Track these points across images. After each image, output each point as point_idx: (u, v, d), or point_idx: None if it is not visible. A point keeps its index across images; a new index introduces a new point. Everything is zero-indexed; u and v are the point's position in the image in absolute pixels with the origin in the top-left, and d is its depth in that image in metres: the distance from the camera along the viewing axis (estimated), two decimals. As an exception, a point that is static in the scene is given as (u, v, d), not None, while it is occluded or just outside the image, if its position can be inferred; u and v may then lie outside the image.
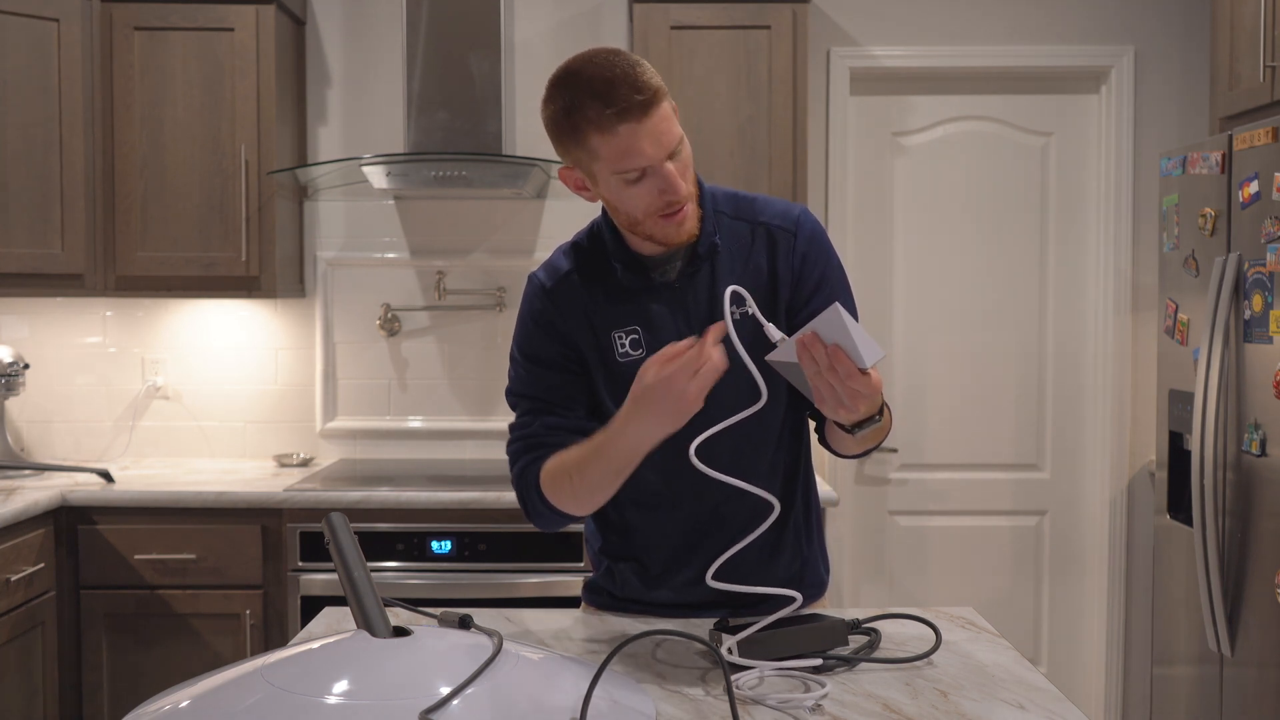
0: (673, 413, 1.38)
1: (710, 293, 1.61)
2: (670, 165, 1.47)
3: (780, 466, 1.70)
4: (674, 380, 1.35)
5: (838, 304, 1.32)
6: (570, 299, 1.64)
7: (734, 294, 1.38)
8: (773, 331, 1.37)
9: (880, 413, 1.47)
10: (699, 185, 1.62)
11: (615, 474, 1.50)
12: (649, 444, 1.44)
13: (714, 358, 1.35)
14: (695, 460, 1.36)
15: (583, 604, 1.84)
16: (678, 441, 1.50)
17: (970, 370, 3.66)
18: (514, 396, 1.66)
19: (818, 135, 3.55)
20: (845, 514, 3.62)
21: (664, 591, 1.71)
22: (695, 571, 1.68)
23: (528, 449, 1.61)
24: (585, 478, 1.52)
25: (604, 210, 1.64)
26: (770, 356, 1.38)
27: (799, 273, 1.61)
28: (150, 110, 3.21)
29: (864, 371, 1.34)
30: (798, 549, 1.73)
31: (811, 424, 1.74)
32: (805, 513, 1.76)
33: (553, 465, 1.57)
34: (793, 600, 1.45)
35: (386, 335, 3.57)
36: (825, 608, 1.79)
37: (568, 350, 1.64)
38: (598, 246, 1.66)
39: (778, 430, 1.68)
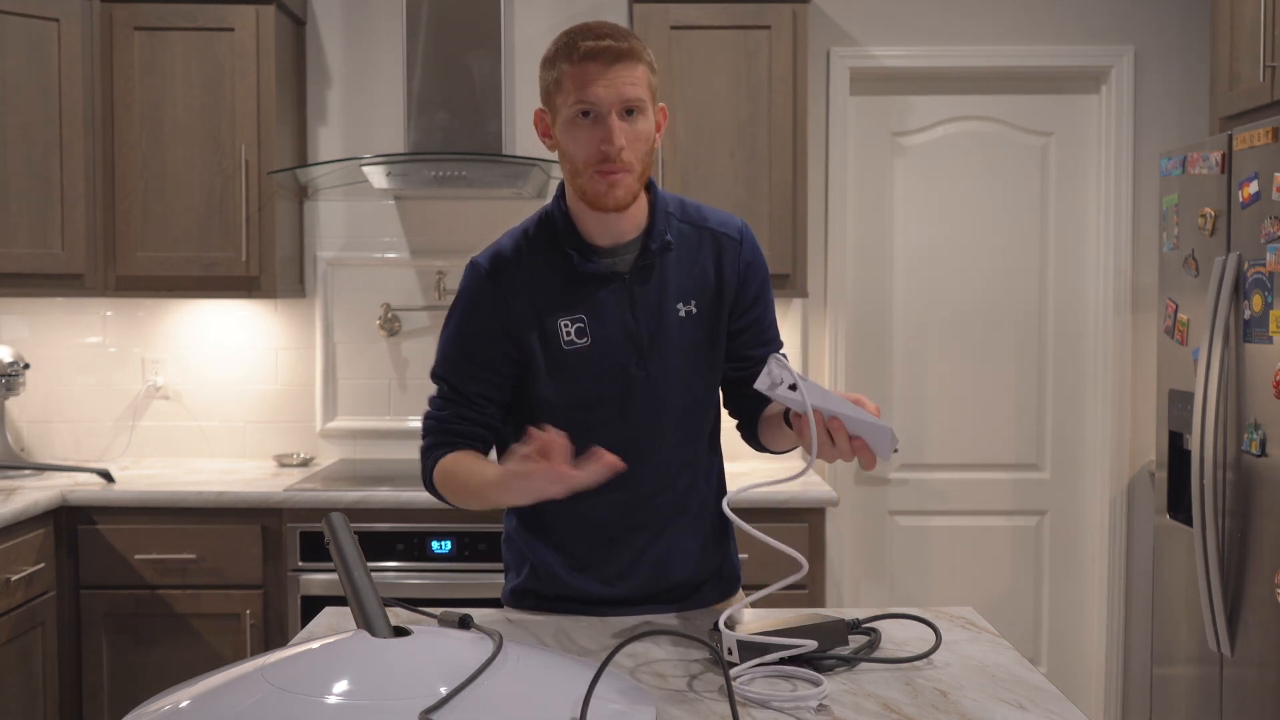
0: (541, 496, 1.48)
1: (660, 287, 1.66)
2: (616, 120, 1.54)
3: (714, 465, 1.80)
4: (533, 480, 1.43)
5: (893, 433, 1.43)
6: (515, 282, 1.67)
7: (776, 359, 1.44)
8: (807, 398, 1.40)
9: None
10: (653, 187, 1.69)
11: (496, 505, 1.63)
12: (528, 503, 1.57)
13: (575, 477, 1.41)
14: (729, 512, 1.42)
15: (505, 607, 1.82)
16: (612, 433, 1.58)
17: (970, 370, 3.66)
18: (437, 377, 1.74)
19: (818, 135, 3.55)
20: (845, 514, 3.62)
21: (592, 582, 1.73)
22: (624, 563, 1.72)
23: (437, 432, 1.71)
24: (471, 495, 1.64)
25: (556, 196, 1.69)
26: (759, 385, 1.42)
27: (743, 278, 1.72)
28: (150, 110, 3.21)
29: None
30: (720, 544, 1.81)
31: (732, 419, 1.81)
32: (720, 511, 1.80)
33: (450, 465, 1.67)
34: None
35: (386, 335, 3.57)
36: (736, 603, 1.80)
37: (500, 342, 1.67)
38: (548, 232, 1.68)
39: (710, 429, 1.78)
